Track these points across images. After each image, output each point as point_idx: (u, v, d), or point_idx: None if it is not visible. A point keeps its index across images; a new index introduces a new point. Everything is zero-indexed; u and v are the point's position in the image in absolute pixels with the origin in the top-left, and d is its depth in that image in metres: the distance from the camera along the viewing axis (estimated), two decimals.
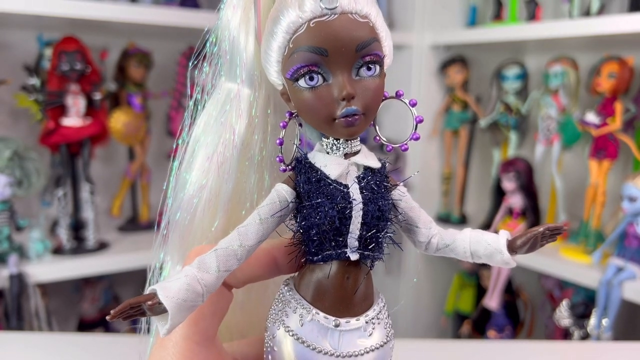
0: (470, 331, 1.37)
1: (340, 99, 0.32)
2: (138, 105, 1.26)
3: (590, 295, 1.15)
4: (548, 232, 0.34)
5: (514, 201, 1.24)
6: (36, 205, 1.25)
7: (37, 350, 0.72)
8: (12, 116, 1.25)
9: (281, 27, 0.32)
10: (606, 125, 1.12)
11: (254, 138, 0.40)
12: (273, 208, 0.33)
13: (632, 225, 1.06)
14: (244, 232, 0.33)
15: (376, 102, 0.34)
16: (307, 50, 0.32)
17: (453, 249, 0.36)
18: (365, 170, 0.35)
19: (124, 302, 0.29)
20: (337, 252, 0.33)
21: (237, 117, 0.39)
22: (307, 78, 0.32)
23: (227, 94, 0.40)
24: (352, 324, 0.34)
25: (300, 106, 0.34)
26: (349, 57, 0.32)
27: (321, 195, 0.33)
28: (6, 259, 1.02)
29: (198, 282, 0.30)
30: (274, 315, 0.35)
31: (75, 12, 1.02)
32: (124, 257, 1.15)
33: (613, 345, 0.94)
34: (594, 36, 1.09)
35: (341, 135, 0.34)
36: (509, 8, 1.33)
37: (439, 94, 1.47)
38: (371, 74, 0.33)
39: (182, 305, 0.29)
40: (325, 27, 0.31)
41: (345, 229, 0.33)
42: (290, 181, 0.35)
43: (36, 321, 1.07)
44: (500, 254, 0.35)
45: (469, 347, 0.83)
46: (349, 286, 0.34)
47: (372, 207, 0.33)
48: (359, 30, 0.32)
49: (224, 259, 0.32)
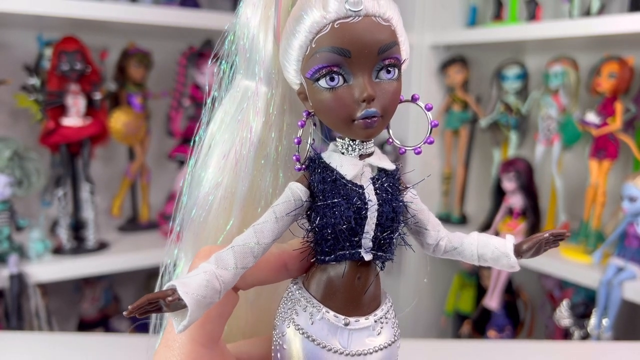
0: (471, 331, 1.37)
1: (361, 101, 0.32)
2: (138, 105, 1.26)
3: (590, 295, 1.14)
4: (552, 237, 0.35)
5: (514, 201, 1.24)
6: (36, 205, 1.25)
7: (37, 350, 0.72)
8: (12, 116, 1.25)
9: (304, 26, 0.32)
10: (606, 125, 1.12)
11: (271, 136, 0.40)
12: (288, 206, 0.34)
13: (632, 225, 1.05)
14: (260, 230, 0.33)
15: (394, 105, 0.34)
16: (330, 51, 0.32)
17: (461, 252, 0.37)
18: (380, 171, 0.35)
19: (142, 297, 0.28)
20: (351, 252, 0.34)
21: (255, 115, 0.39)
22: (328, 78, 0.32)
23: (244, 91, 0.40)
24: (362, 323, 0.34)
25: (319, 106, 0.34)
26: (371, 59, 0.32)
27: (337, 195, 0.33)
28: (6, 259, 1.02)
29: (217, 279, 0.30)
30: (283, 314, 0.35)
31: (75, 12, 1.02)
32: (124, 257, 1.15)
33: (613, 345, 0.94)
34: (594, 36, 1.09)
35: (359, 137, 0.34)
36: (509, 8, 1.33)
37: (439, 94, 1.47)
38: (390, 77, 0.33)
39: (202, 301, 0.29)
40: (349, 29, 0.31)
41: (361, 229, 0.33)
42: (304, 180, 0.35)
43: (36, 321, 1.07)
44: (506, 257, 0.35)
45: (469, 347, 0.83)
46: (359, 286, 0.34)
47: (387, 208, 0.34)
48: (382, 34, 0.32)
49: (242, 255, 0.32)
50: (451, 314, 1.51)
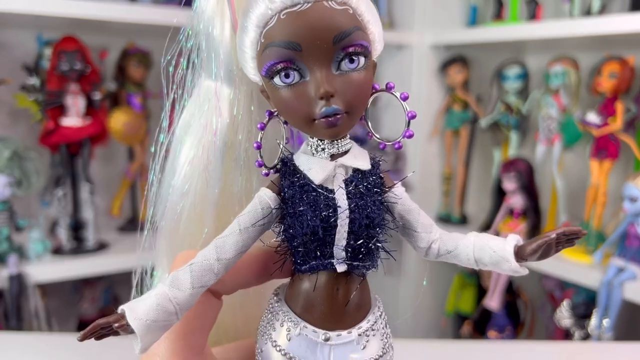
0: (471, 331, 1.36)
1: (319, 98, 0.29)
2: (138, 105, 1.25)
3: (591, 296, 1.14)
4: (564, 237, 0.30)
5: (515, 201, 1.24)
6: (36, 206, 1.24)
7: (36, 350, 0.72)
8: (11, 116, 1.25)
9: (251, 21, 0.29)
10: (607, 125, 1.12)
11: (238, 138, 0.37)
12: (254, 216, 0.31)
13: (633, 225, 1.05)
14: (222, 245, 0.30)
15: (361, 98, 0.30)
16: (279, 46, 0.28)
17: (455, 255, 0.33)
18: (355, 172, 0.31)
19: (93, 323, 0.27)
20: (324, 263, 0.31)
21: (218, 117, 0.36)
22: (283, 75, 0.29)
23: (206, 92, 0.37)
24: (344, 337, 0.31)
25: (278, 105, 0.31)
26: (327, 50, 0.28)
27: (303, 202, 0.30)
28: (6, 259, 1.02)
29: (170, 301, 0.28)
30: (263, 328, 0.33)
31: (74, 12, 1.02)
32: (124, 257, 1.15)
33: (614, 345, 0.93)
34: (594, 36, 1.09)
35: (323, 136, 0.31)
36: (510, 8, 1.33)
37: (439, 94, 1.47)
38: (354, 66, 0.29)
39: (152, 325, 0.28)
40: (297, 19, 0.28)
41: (331, 239, 0.30)
42: (274, 186, 0.32)
43: (36, 321, 1.07)
44: (506, 262, 0.31)
45: (469, 347, 0.83)
46: (340, 297, 0.32)
47: (360, 214, 0.30)
48: (336, 19, 0.28)
49: (199, 274, 0.30)
50: (451, 314, 1.50)
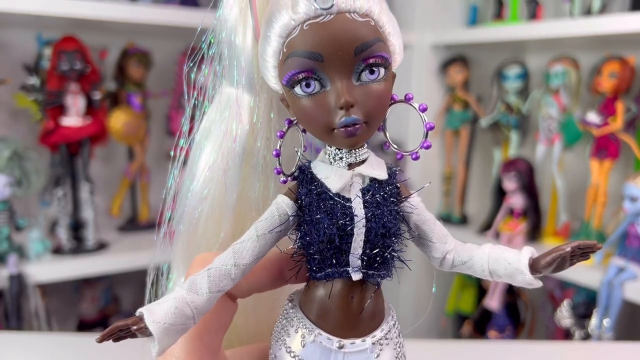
0: (471, 331, 1.36)
1: (339, 108, 0.29)
2: (138, 105, 1.25)
3: (591, 296, 1.14)
4: (579, 250, 0.30)
5: (515, 201, 1.24)
6: (36, 205, 1.24)
7: (36, 350, 0.72)
8: (11, 116, 1.25)
9: (274, 31, 0.30)
10: (607, 125, 1.12)
11: (257, 145, 0.38)
12: (272, 223, 0.31)
13: (633, 225, 1.05)
14: (239, 250, 0.31)
15: (380, 109, 0.31)
16: (301, 56, 0.29)
17: (470, 266, 0.33)
18: (372, 181, 0.32)
19: (111, 325, 0.28)
20: (339, 270, 0.31)
21: (238, 124, 0.37)
22: (304, 85, 0.30)
23: (227, 99, 0.38)
24: (358, 346, 0.32)
25: (298, 114, 0.31)
26: (348, 61, 0.29)
27: (320, 210, 0.31)
28: (6, 259, 1.02)
29: (187, 305, 0.29)
30: (277, 334, 0.34)
31: (74, 12, 1.02)
32: (124, 257, 1.15)
33: (614, 345, 0.93)
34: (595, 36, 1.09)
35: (342, 146, 0.31)
36: (510, 7, 1.33)
37: (439, 94, 1.46)
38: (374, 77, 0.30)
39: (170, 329, 0.28)
40: (320, 30, 0.29)
41: (347, 247, 0.30)
42: (291, 193, 0.32)
43: (36, 321, 1.07)
44: (521, 274, 0.31)
45: (469, 347, 0.83)
46: (354, 305, 0.32)
47: (376, 223, 0.31)
48: (358, 31, 0.29)
49: (217, 279, 0.30)
50: (452, 314, 1.50)
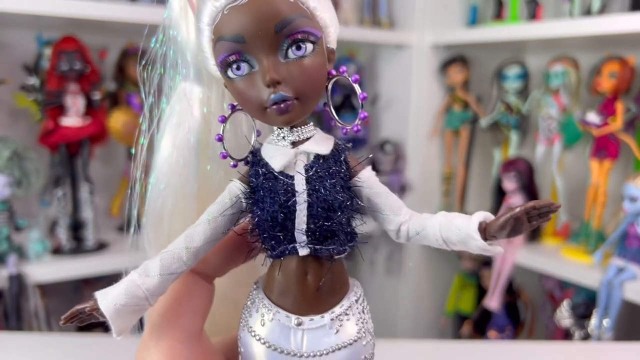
0: (471, 332, 1.36)
1: (266, 86, 0.30)
2: (137, 105, 1.25)
3: (591, 296, 1.14)
4: (535, 211, 0.30)
5: (515, 201, 1.24)
6: (35, 206, 1.24)
7: (36, 350, 0.72)
8: (11, 116, 1.25)
9: (203, 20, 0.31)
10: (607, 125, 1.12)
11: (212, 136, 0.39)
12: (222, 206, 0.33)
13: (633, 225, 1.05)
14: (191, 234, 0.32)
15: (311, 84, 0.31)
16: (225, 40, 0.30)
17: (424, 236, 0.33)
18: (316, 158, 0.32)
19: (72, 308, 0.29)
20: (288, 247, 0.32)
21: (189, 116, 0.38)
22: (234, 68, 0.31)
23: (179, 93, 0.39)
24: (316, 322, 0.32)
25: (236, 97, 0.33)
26: (270, 39, 0.30)
27: (264, 189, 0.32)
28: (5, 259, 1.02)
29: (138, 287, 0.31)
30: (243, 316, 0.34)
31: (74, 12, 1.02)
32: (124, 257, 1.14)
33: (614, 345, 0.93)
34: (594, 36, 1.08)
35: (276, 124, 0.32)
36: (510, 7, 1.33)
37: (439, 94, 1.46)
38: (302, 53, 0.30)
39: (121, 309, 0.30)
40: (239, 12, 0.29)
41: (291, 224, 0.31)
42: (243, 177, 0.33)
43: (35, 321, 1.07)
44: (472, 239, 0.30)
45: (469, 347, 0.83)
46: (310, 282, 0.32)
47: (317, 198, 0.31)
48: (277, 8, 0.29)
49: (168, 262, 0.32)
50: (451, 314, 1.50)
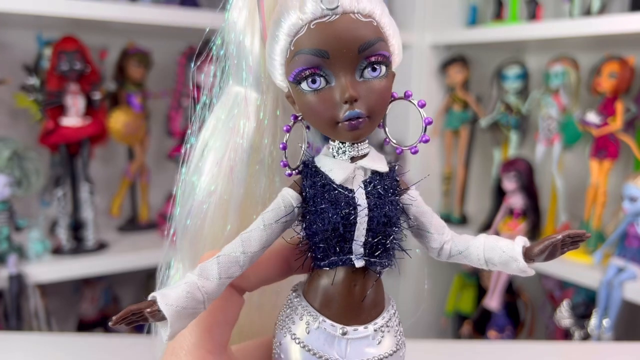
0: (471, 331, 1.36)
1: (343, 102, 0.31)
2: (137, 105, 1.25)
3: (591, 296, 1.14)
4: (569, 239, 0.32)
5: (515, 201, 1.24)
6: (35, 205, 1.24)
7: (36, 350, 0.72)
8: (11, 116, 1.25)
9: (282, 30, 0.32)
10: (607, 125, 1.12)
11: (263, 142, 0.40)
12: (278, 213, 0.33)
13: (632, 225, 1.05)
14: (247, 239, 0.32)
15: (382, 104, 0.33)
16: (308, 53, 0.31)
17: (466, 255, 0.35)
18: (373, 174, 0.34)
19: (125, 308, 0.29)
20: (342, 258, 0.33)
21: (245, 121, 0.39)
22: (310, 81, 0.32)
23: (234, 97, 0.40)
24: (360, 332, 0.33)
25: (304, 109, 0.33)
26: (352, 58, 0.31)
27: (325, 200, 0.32)
28: (5, 259, 1.02)
29: (198, 290, 0.30)
30: (281, 322, 0.35)
31: (74, 12, 1.02)
32: (124, 257, 1.15)
33: (614, 345, 0.93)
34: (594, 36, 1.09)
35: (345, 139, 0.33)
36: (510, 7, 1.33)
37: (439, 94, 1.47)
38: (376, 75, 0.32)
39: (182, 312, 0.29)
40: (326, 29, 0.31)
41: (350, 235, 0.32)
42: (296, 186, 0.34)
43: (35, 321, 1.07)
44: (515, 261, 0.33)
45: (469, 347, 0.83)
46: (357, 293, 0.34)
47: (378, 212, 0.32)
48: (362, 31, 0.31)
49: (226, 266, 0.32)
50: (451, 314, 1.50)
